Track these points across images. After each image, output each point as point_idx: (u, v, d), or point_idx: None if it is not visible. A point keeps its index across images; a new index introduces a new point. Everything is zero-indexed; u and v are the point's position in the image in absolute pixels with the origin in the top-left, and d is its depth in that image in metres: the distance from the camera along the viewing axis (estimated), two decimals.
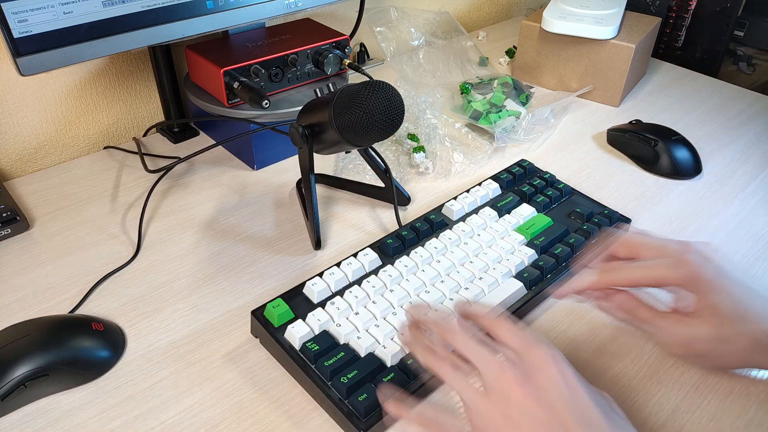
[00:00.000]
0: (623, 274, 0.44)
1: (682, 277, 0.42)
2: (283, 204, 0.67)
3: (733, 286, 0.42)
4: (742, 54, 1.09)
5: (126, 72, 0.78)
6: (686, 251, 0.43)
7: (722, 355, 0.43)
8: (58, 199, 0.67)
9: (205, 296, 0.55)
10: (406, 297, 0.51)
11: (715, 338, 0.42)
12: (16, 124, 0.72)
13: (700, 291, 0.42)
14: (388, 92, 0.53)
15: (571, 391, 0.36)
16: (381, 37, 0.88)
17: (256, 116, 0.69)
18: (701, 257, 0.43)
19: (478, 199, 0.63)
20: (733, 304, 0.41)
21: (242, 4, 0.66)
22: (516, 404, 0.35)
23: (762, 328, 0.41)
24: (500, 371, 0.36)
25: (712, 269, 0.42)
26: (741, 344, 0.41)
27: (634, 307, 0.45)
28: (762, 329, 0.41)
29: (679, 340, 0.43)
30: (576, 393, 0.36)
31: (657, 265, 0.43)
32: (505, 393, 0.36)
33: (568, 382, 0.36)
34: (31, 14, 0.53)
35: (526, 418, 0.35)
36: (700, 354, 0.43)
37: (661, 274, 0.43)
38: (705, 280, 0.42)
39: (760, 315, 0.41)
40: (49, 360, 0.45)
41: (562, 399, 0.35)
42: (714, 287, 0.42)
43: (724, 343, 0.42)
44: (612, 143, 0.79)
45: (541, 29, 0.88)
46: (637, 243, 0.46)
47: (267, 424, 0.45)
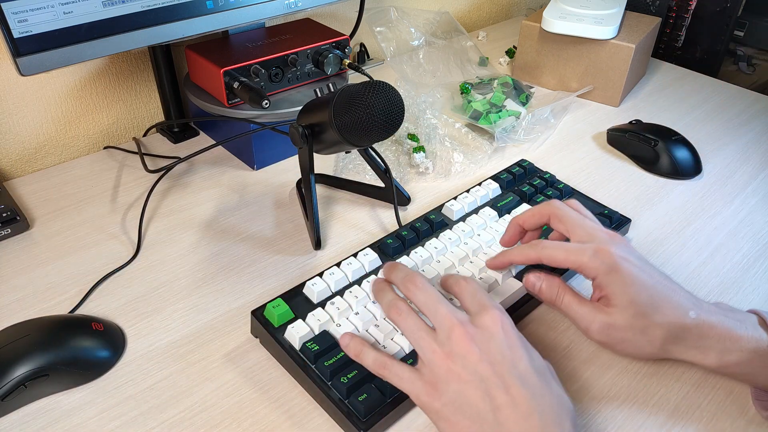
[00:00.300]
0: (548, 252, 0.47)
1: (600, 267, 0.45)
2: (283, 204, 0.67)
3: (648, 280, 0.45)
4: (742, 54, 1.09)
5: (126, 72, 0.78)
6: (611, 243, 0.46)
7: (639, 345, 0.45)
8: (58, 199, 0.67)
9: (205, 296, 0.55)
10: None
11: (631, 327, 0.44)
12: (16, 124, 0.72)
13: (617, 283, 0.44)
14: (388, 92, 0.53)
15: (512, 352, 0.40)
16: (381, 37, 0.88)
17: (256, 116, 0.69)
18: (622, 250, 0.46)
19: (478, 199, 0.63)
20: (648, 298, 0.44)
21: (242, 4, 0.66)
22: (461, 359, 0.39)
23: (674, 320, 0.44)
24: (452, 328, 0.40)
25: (629, 263, 0.45)
26: (656, 335, 0.44)
27: (560, 291, 0.47)
28: (674, 322, 0.44)
29: (598, 327, 0.45)
30: (516, 354, 0.40)
31: (580, 250, 0.46)
32: (453, 348, 0.40)
33: (511, 344, 0.40)
34: (31, 14, 0.53)
35: (468, 371, 0.39)
36: (618, 341, 0.45)
37: (582, 261, 0.46)
38: (622, 273, 0.44)
39: (673, 308, 0.44)
40: (49, 360, 0.45)
41: (504, 358, 0.39)
42: (630, 280, 0.44)
43: (640, 333, 0.44)
44: (612, 143, 0.79)
45: (541, 29, 0.88)
46: (572, 223, 0.48)
47: (267, 424, 0.45)
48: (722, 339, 0.44)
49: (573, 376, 0.48)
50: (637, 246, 0.62)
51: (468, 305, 0.43)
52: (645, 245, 0.62)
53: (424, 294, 0.43)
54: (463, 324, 0.40)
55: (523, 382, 0.38)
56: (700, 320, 0.44)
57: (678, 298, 0.45)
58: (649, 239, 0.63)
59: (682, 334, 0.44)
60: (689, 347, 0.45)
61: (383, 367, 0.42)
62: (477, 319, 0.41)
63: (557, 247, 0.47)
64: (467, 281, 0.45)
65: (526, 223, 0.52)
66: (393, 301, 0.44)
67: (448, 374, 0.39)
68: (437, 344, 0.41)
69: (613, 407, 0.46)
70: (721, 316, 0.45)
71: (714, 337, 0.44)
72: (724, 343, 0.44)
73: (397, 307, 0.44)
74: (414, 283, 0.44)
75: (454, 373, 0.39)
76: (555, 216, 0.50)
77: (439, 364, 0.40)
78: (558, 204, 0.50)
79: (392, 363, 0.42)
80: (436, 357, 0.40)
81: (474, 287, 0.44)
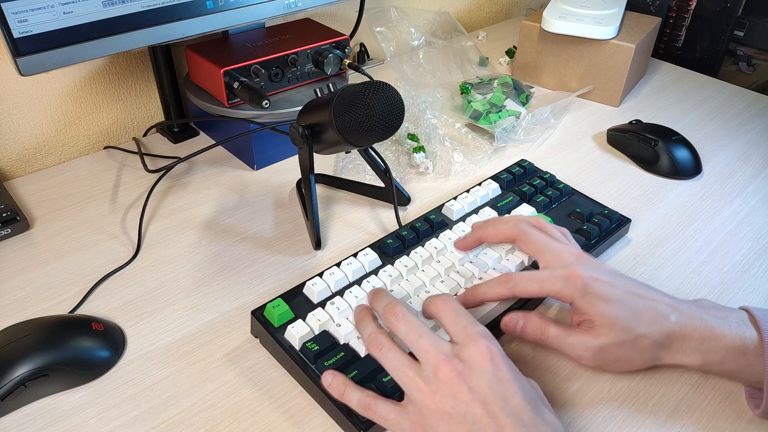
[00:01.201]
0: (522, 288, 0.47)
1: (573, 293, 0.45)
2: (283, 204, 0.67)
3: (622, 295, 0.45)
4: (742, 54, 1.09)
5: (126, 72, 0.78)
6: (578, 264, 0.46)
7: (632, 358, 0.45)
8: (58, 199, 0.67)
9: (205, 296, 0.55)
10: (407, 297, 0.51)
11: (622, 343, 0.44)
12: (16, 124, 0.72)
13: (594, 304, 0.44)
14: (388, 93, 0.53)
15: (503, 386, 0.38)
16: (381, 37, 0.88)
17: (256, 116, 0.69)
18: (591, 270, 0.46)
19: (478, 199, 0.63)
20: (627, 311, 0.44)
21: (242, 4, 0.66)
22: (450, 398, 0.37)
23: (658, 328, 0.44)
24: (438, 364, 0.38)
25: (600, 282, 0.45)
26: (645, 344, 0.44)
27: (543, 327, 0.47)
28: (658, 329, 0.44)
29: (591, 353, 0.45)
30: (507, 388, 0.38)
31: (552, 278, 0.46)
32: (441, 387, 0.38)
33: (501, 377, 0.38)
34: (31, 14, 0.53)
35: (458, 411, 0.37)
36: (612, 360, 0.45)
37: (555, 289, 0.46)
38: (596, 294, 0.44)
39: (653, 316, 0.45)
40: (49, 360, 0.45)
41: (495, 395, 0.37)
42: (606, 298, 0.44)
43: (630, 347, 0.45)
44: (612, 143, 0.79)
45: (541, 29, 0.88)
46: (538, 247, 0.48)
47: (267, 424, 0.45)
48: (705, 339, 0.44)
49: (572, 377, 0.48)
50: (637, 246, 0.62)
51: (452, 333, 0.41)
52: (645, 245, 0.62)
53: (406, 325, 0.41)
54: (449, 359, 0.38)
55: (518, 419, 0.37)
56: (682, 323, 0.44)
57: (656, 305, 0.45)
58: (649, 239, 0.63)
59: (667, 340, 0.45)
60: (675, 351, 0.45)
61: (368, 408, 0.41)
62: (464, 351, 0.39)
63: (529, 280, 0.47)
64: (444, 302, 0.43)
65: (488, 240, 0.53)
66: (373, 336, 0.42)
67: (436, 415, 0.38)
68: (423, 381, 0.39)
69: (613, 407, 0.46)
70: (703, 314, 0.45)
71: (697, 339, 0.44)
72: (708, 343, 0.44)
73: (378, 342, 0.42)
74: (394, 313, 0.42)
75: (443, 414, 0.37)
76: (521, 240, 0.50)
77: (427, 404, 0.38)
78: (523, 227, 0.50)
79: (377, 403, 0.40)
80: (422, 396, 0.38)
81: (455, 311, 0.42)
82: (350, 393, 0.42)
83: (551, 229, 0.51)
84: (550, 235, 0.50)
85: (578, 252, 0.48)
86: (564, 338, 0.46)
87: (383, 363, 0.41)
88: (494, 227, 0.52)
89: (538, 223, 0.51)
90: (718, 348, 0.44)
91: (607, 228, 0.61)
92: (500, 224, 0.51)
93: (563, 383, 0.48)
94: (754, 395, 0.46)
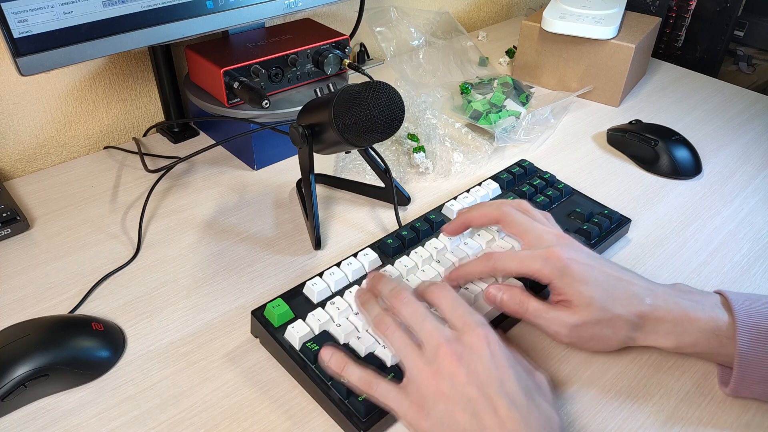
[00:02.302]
0: (502, 264, 0.48)
1: (552, 271, 0.46)
2: (283, 204, 0.67)
3: (599, 276, 0.46)
4: (742, 54, 1.09)
5: (126, 72, 0.78)
6: (558, 245, 0.47)
7: (606, 336, 0.47)
8: (58, 199, 0.67)
9: (205, 296, 0.55)
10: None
11: (597, 323, 0.46)
12: (16, 124, 0.72)
13: (572, 284, 0.46)
14: (388, 93, 0.53)
15: (499, 371, 0.39)
16: (381, 37, 0.88)
17: (256, 116, 0.69)
18: (570, 251, 0.47)
19: (478, 199, 0.63)
20: (603, 292, 0.46)
21: (242, 4, 0.66)
22: (449, 379, 0.39)
23: (632, 309, 0.46)
24: (438, 347, 0.40)
25: (578, 263, 0.46)
26: (619, 324, 0.46)
27: (522, 300, 0.48)
28: (632, 311, 0.46)
29: (566, 330, 0.46)
30: (503, 373, 0.39)
31: (531, 257, 0.47)
32: (440, 368, 0.39)
33: (497, 363, 0.40)
34: (31, 14, 0.53)
35: (456, 392, 0.38)
36: (587, 338, 0.47)
37: (535, 267, 0.47)
38: (573, 274, 0.46)
39: (629, 298, 0.46)
40: (49, 360, 0.45)
41: (491, 378, 0.39)
42: (583, 279, 0.46)
43: (605, 326, 0.46)
44: (612, 143, 0.79)
45: (541, 29, 0.88)
46: (522, 228, 0.50)
47: (267, 424, 0.45)
48: (679, 322, 0.46)
49: (572, 377, 0.48)
50: (637, 246, 0.62)
51: (451, 320, 0.42)
52: (645, 245, 0.62)
53: (411, 309, 0.43)
54: (449, 342, 0.40)
55: (511, 402, 0.38)
56: (656, 306, 0.46)
57: (632, 287, 0.47)
58: (649, 239, 0.63)
59: (641, 322, 0.46)
60: (649, 333, 0.47)
61: (368, 385, 0.42)
62: (463, 336, 0.41)
63: (509, 258, 0.48)
64: (442, 291, 0.44)
65: (473, 223, 0.54)
66: (380, 315, 0.44)
67: (435, 394, 0.39)
68: (424, 362, 0.40)
69: (613, 407, 0.46)
70: (678, 298, 0.47)
71: (671, 321, 0.46)
72: (682, 326, 0.46)
73: (385, 322, 0.43)
74: (400, 297, 0.44)
75: (441, 393, 0.39)
76: (504, 221, 0.51)
77: (426, 384, 0.39)
78: (507, 209, 0.51)
79: (378, 381, 0.42)
80: (423, 376, 0.40)
81: (452, 300, 0.43)
82: (351, 370, 0.43)
83: (534, 212, 0.52)
84: (532, 217, 0.51)
85: (559, 233, 0.50)
86: (542, 313, 0.47)
87: (389, 342, 0.43)
88: (479, 210, 0.53)
89: (520, 206, 0.52)
90: (691, 330, 0.45)
91: (607, 228, 0.61)
92: (485, 207, 0.53)
93: (563, 384, 0.48)
94: (724, 375, 0.47)
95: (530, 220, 0.51)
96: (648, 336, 0.47)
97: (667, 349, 0.47)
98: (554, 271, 0.46)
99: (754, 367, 0.44)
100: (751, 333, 0.44)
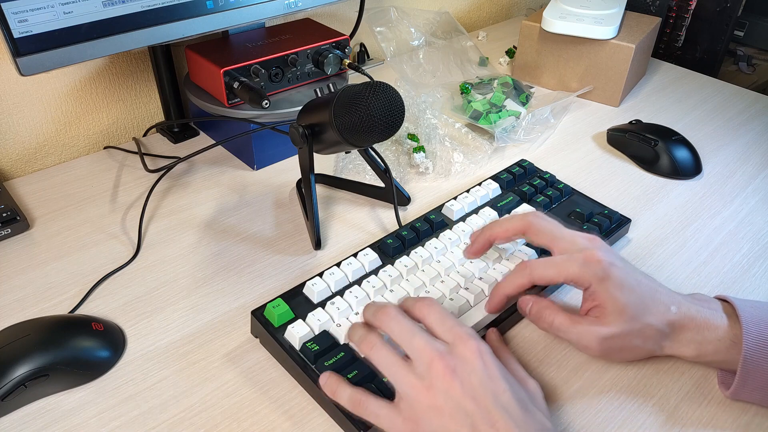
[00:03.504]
0: (539, 273, 0.47)
1: (592, 276, 0.45)
2: (283, 204, 0.67)
3: (634, 282, 0.46)
4: (742, 54, 1.09)
5: (126, 72, 0.78)
6: (595, 248, 0.46)
7: (636, 347, 0.46)
8: (58, 199, 0.67)
9: (205, 296, 0.55)
10: (407, 297, 0.51)
11: (628, 333, 0.45)
12: (16, 124, 0.72)
13: (610, 289, 0.45)
14: (388, 93, 0.53)
15: (494, 383, 0.39)
16: (381, 37, 0.88)
17: (256, 116, 0.69)
18: (608, 255, 0.46)
19: (478, 199, 0.63)
20: (636, 299, 0.45)
21: (242, 4, 0.66)
22: (443, 393, 0.38)
23: (661, 318, 0.45)
24: (430, 362, 0.39)
25: (617, 267, 0.45)
26: (650, 334, 0.45)
27: (548, 315, 0.47)
28: (662, 319, 0.45)
29: (597, 344, 0.45)
30: (498, 386, 0.39)
31: (569, 262, 0.46)
32: (434, 382, 0.38)
33: (491, 375, 0.39)
34: (31, 14, 0.53)
35: (451, 405, 0.38)
36: (617, 349, 0.46)
37: (573, 273, 0.46)
38: (614, 279, 0.45)
39: (658, 306, 0.46)
40: (49, 360, 0.45)
41: (486, 391, 0.38)
42: (620, 285, 0.45)
43: (636, 336, 0.45)
44: (612, 143, 0.79)
45: (541, 29, 0.88)
46: (552, 235, 0.48)
47: (267, 424, 0.45)
48: (701, 330, 0.46)
49: (572, 377, 0.48)
50: (637, 246, 0.62)
51: (441, 333, 0.41)
52: (645, 245, 0.62)
53: (398, 325, 0.41)
54: (442, 356, 0.39)
55: (508, 414, 0.38)
56: (681, 314, 0.46)
57: (659, 296, 0.46)
58: (649, 239, 0.63)
59: (669, 330, 0.46)
60: (674, 341, 0.46)
61: (359, 405, 0.41)
62: (456, 349, 0.40)
63: (546, 266, 0.47)
64: (429, 305, 0.43)
65: (498, 238, 0.51)
66: (363, 335, 0.43)
67: (429, 409, 0.38)
68: (416, 377, 0.39)
69: (614, 407, 0.46)
70: (699, 307, 0.46)
71: (694, 329, 0.46)
72: (703, 334, 0.45)
73: (368, 340, 0.42)
74: (386, 314, 0.42)
75: (436, 408, 0.38)
76: (531, 230, 0.49)
77: (420, 399, 0.39)
78: (532, 219, 0.49)
79: (368, 400, 0.41)
80: (415, 391, 0.39)
81: (440, 312, 0.42)
82: (341, 390, 0.42)
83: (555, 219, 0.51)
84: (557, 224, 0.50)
85: (590, 236, 0.48)
86: (570, 327, 0.46)
87: (375, 361, 0.41)
88: (501, 225, 0.51)
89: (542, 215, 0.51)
90: (712, 338, 0.45)
91: (607, 228, 0.61)
92: (507, 221, 0.51)
93: (563, 385, 0.48)
94: (724, 377, 0.47)
95: (558, 225, 0.49)
96: (673, 345, 0.46)
97: (688, 359, 0.47)
98: (594, 276, 0.45)
99: (756, 373, 0.43)
100: (757, 340, 0.43)
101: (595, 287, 0.45)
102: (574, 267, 0.45)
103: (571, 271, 0.45)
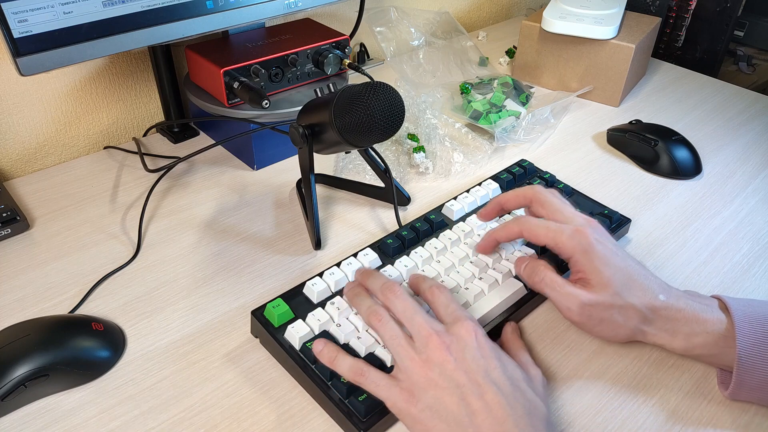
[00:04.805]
0: (529, 227, 0.50)
1: (575, 246, 0.47)
2: (283, 204, 0.67)
3: (620, 262, 0.47)
4: (742, 54, 1.09)
5: (126, 72, 0.78)
6: (587, 226, 0.48)
7: (616, 323, 0.47)
8: (58, 199, 0.67)
9: (205, 296, 0.55)
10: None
11: (610, 306, 0.46)
12: (16, 124, 0.72)
13: (593, 262, 0.46)
14: (388, 93, 0.53)
15: (486, 360, 0.41)
16: (381, 37, 0.88)
17: (256, 116, 0.69)
18: (598, 233, 0.48)
19: (478, 199, 0.63)
20: (622, 278, 0.46)
21: (242, 4, 0.66)
22: (438, 366, 0.41)
23: (646, 302, 0.46)
24: (428, 339, 0.42)
25: (603, 245, 0.47)
26: (631, 314, 0.47)
27: (542, 271, 0.49)
28: (646, 303, 0.46)
29: (578, 307, 0.47)
30: (489, 363, 0.41)
31: (559, 229, 0.48)
32: (430, 356, 0.41)
33: (484, 353, 0.42)
34: (31, 14, 0.53)
35: (445, 378, 0.40)
36: (597, 320, 0.47)
37: (559, 239, 0.48)
38: (597, 253, 0.47)
39: (644, 290, 0.47)
40: (49, 360, 0.45)
41: (478, 366, 0.41)
42: (605, 261, 0.47)
43: (618, 312, 0.46)
44: (612, 143, 0.79)
45: (541, 29, 0.88)
46: (553, 208, 0.51)
47: (267, 424, 0.45)
48: (689, 322, 0.46)
49: (573, 376, 0.48)
50: (637, 246, 0.62)
51: (442, 315, 0.45)
52: (645, 245, 0.62)
53: (403, 303, 0.45)
54: (439, 334, 0.42)
55: (498, 388, 0.40)
56: (669, 304, 0.47)
57: (648, 282, 0.47)
58: (649, 239, 0.63)
59: (652, 316, 0.47)
60: (659, 329, 0.47)
61: (360, 374, 0.43)
62: (452, 328, 0.43)
63: (539, 224, 0.49)
64: (440, 291, 0.46)
65: (507, 204, 0.55)
66: (373, 308, 0.45)
67: (425, 381, 0.41)
68: (414, 352, 0.42)
69: (614, 407, 0.46)
70: (689, 300, 0.47)
71: (681, 320, 0.46)
72: (691, 326, 0.46)
73: (377, 314, 0.45)
74: (393, 292, 0.45)
75: (431, 381, 0.41)
76: (537, 200, 0.52)
77: (417, 372, 0.41)
78: (540, 189, 0.52)
79: (369, 370, 0.43)
80: (413, 364, 0.41)
81: (447, 298, 0.46)
82: (341, 360, 0.44)
83: (565, 199, 0.53)
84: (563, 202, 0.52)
85: (589, 218, 0.51)
86: (557, 286, 0.48)
87: (381, 333, 0.44)
88: (512, 192, 0.54)
89: (553, 191, 0.53)
90: (700, 331, 0.46)
91: (607, 228, 0.61)
92: (515, 190, 0.54)
93: (564, 383, 0.48)
94: (723, 377, 0.47)
95: (562, 202, 0.52)
96: (657, 333, 0.47)
97: (675, 351, 0.47)
98: (578, 247, 0.47)
99: (753, 372, 0.44)
100: (751, 338, 0.44)
101: (578, 257, 0.47)
102: (561, 235, 0.48)
103: (558, 238, 0.48)
